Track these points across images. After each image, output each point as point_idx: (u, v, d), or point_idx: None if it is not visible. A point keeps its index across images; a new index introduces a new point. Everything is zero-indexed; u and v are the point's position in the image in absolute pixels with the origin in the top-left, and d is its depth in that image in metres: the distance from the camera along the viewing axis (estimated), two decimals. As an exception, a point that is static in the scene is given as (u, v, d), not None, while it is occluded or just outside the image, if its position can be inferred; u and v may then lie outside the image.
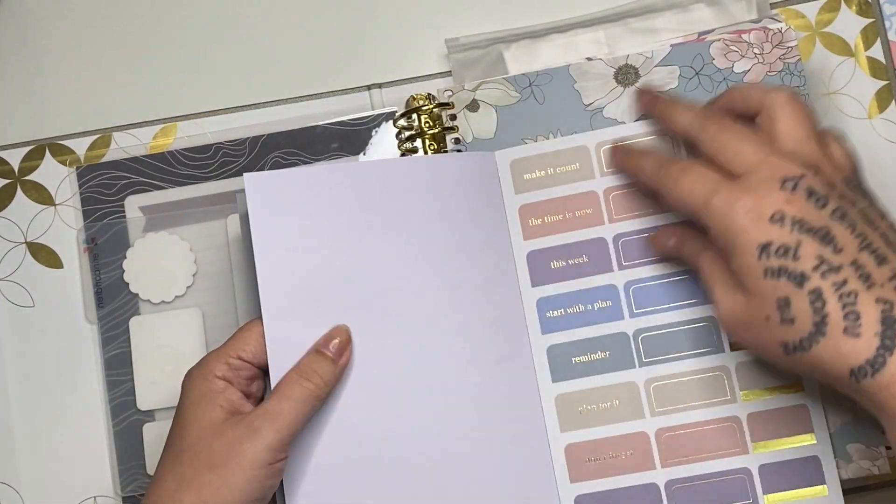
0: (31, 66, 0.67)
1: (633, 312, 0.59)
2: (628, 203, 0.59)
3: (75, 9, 0.68)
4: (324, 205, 0.57)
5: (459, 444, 0.56)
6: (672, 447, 0.57)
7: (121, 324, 0.63)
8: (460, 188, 0.59)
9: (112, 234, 0.63)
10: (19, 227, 0.65)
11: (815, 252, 0.47)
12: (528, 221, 0.60)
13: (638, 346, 0.58)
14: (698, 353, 0.58)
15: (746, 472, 0.56)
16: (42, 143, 0.66)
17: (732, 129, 0.52)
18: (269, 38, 0.67)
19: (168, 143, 0.65)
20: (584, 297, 0.59)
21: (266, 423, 0.51)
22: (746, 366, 0.57)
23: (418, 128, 0.62)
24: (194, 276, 0.63)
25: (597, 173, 0.60)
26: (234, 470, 0.50)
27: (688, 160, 0.54)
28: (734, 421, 0.57)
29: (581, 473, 0.58)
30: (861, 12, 0.64)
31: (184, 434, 0.52)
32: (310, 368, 0.53)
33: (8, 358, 0.64)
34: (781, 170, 0.49)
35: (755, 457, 0.56)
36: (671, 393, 0.58)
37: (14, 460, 0.63)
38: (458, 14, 0.66)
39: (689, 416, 0.57)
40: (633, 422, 0.58)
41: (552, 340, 0.59)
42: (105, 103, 0.66)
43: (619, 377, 0.58)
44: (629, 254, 0.59)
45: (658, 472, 0.57)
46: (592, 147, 0.60)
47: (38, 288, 0.64)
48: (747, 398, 0.57)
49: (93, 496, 0.62)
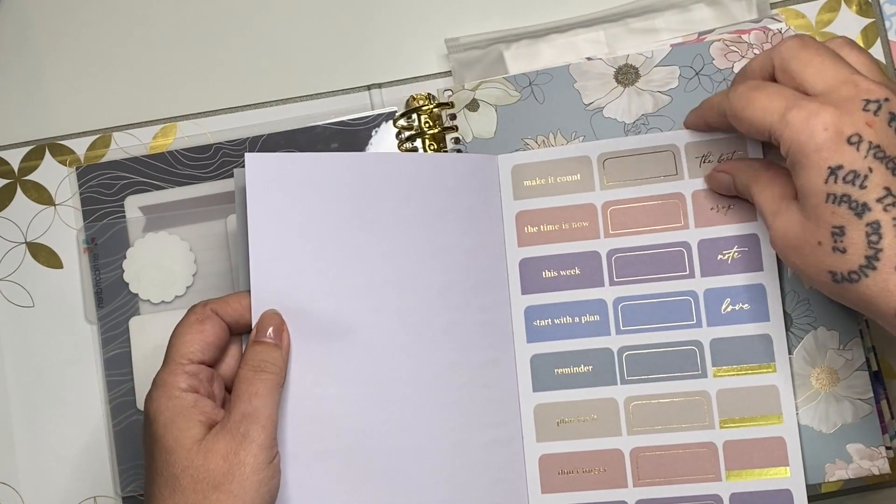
0: (32, 66, 0.67)
1: (620, 329, 0.59)
2: (626, 219, 0.59)
3: (75, 10, 0.68)
4: (321, 192, 0.57)
5: (436, 443, 0.56)
6: (646, 467, 0.57)
7: (121, 324, 0.63)
8: (460, 189, 0.59)
9: (112, 234, 0.64)
10: (19, 227, 0.65)
11: (884, 182, 0.47)
12: (524, 228, 0.60)
13: (621, 363, 0.58)
14: (681, 377, 0.58)
15: (717, 500, 0.57)
16: (42, 143, 0.66)
17: (815, 47, 0.51)
18: (269, 38, 0.67)
19: (168, 143, 0.65)
20: (572, 310, 0.59)
21: (251, 426, 0.51)
22: (727, 393, 0.57)
23: (418, 128, 0.62)
24: (194, 276, 0.63)
25: (597, 186, 0.60)
26: (239, 482, 0.49)
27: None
28: (710, 447, 0.57)
29: (553, 485, 0.58)
30: (861, 12, 0.64)
31: (170, 459, 0.50)
32: (260, 360, 0.53)
33: (8, 358, 0.64)
34: (865, 91, 0.48)
35: (728, 485, 0.57)
36: (650, 413, 0.58)
37: (14, 460, 0.63)
38: (458, 14, 0.67)
39: (665, 437, 0.58)
40: (610, 438, 0.58)
41: (537, 350, 0.59)
42: (105, 103, 0.67)
43: (599, 392, 0.58)
44: (622, 270, 0.59)
45: (630, 491, 0.57)
46: (595, 158, 0.60)
47: (38, 288, 0.64)
48: (725, 425, 0.57)
49: (93, 496, 0.62)
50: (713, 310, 0.58)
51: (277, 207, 0.56)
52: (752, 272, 0.58)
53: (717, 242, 0.58)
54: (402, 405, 0.56)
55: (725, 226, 0.58)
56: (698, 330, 0.58)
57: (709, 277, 0.58)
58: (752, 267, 0.58)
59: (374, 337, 0.57)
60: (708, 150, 0.59)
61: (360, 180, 0.58)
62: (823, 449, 0.57)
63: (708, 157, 0.59)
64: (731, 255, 0.58)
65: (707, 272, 0.58)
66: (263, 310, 0.55)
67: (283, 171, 0.57)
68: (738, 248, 0.58)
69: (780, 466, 0.56)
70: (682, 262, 0.58)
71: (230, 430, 0.50)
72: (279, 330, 0.54)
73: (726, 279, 0.58)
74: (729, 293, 0.58)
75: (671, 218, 0.59)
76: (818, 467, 0.57)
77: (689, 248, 0.58)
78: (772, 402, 0.57)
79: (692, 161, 0.59)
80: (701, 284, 0.58)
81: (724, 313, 0.58)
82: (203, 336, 0.53)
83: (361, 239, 0.57)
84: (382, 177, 0.58)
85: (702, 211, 0.58)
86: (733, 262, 0.58)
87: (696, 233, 0.58)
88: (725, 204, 0.58)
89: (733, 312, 0.58)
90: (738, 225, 0.58)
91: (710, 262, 0.58)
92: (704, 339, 0.58)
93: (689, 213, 0.59)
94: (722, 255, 0.58)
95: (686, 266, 0.58)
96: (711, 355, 0.58)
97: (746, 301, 0.58)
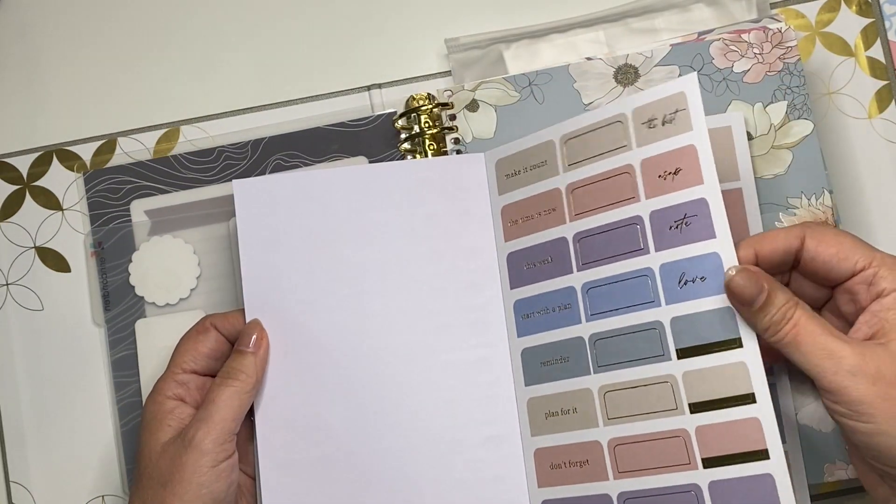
0: (37, 75, 0.68)
1: (589, 316, 0.56)
2: (587, 199, 0.56)
3: (78, 18, 0.69)
4: (309, 209, 0.58)
5: (434, 444, 0.57)
6: (624, 459, 0.54)
7: (127, 326, 0.63)
8: (447, 192, 0.60)
9: (118, 237, 0.64)
10: (28, 231, 0.66)
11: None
12: (508, 222, 0.59)
13: (593, 351, 0.56)
14: (646, 360, 0.54)
15: (696, 489, 0.52)
16: (49, 150, 0.67)
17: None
18: (270, 40, 0.67)
19: (171, 148, 0.66)
20: (549, 300, 0.57)
21: (198, 431, 0.53)
22: (693, 375, 0.53)
23: (418, 128, 0.63)
24: (198, 278, 0.64)
25: (560, 168, 0.58)
26: (180, 482, 0.52)
27: None
28: (682, 434, 0.53)
29: (548, 479, 0.57)
30: (861, 12, 0.63)
31: (140, 458, 0.55)
32: (233, 368, 0.55)
33: (19, 360, 0.65)
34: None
35: (705, 473, 0.52)
36: (622, 402, 0.54)
37: (25, 460, 0.64)
38: (458, 14, 0.66)
39: (638, 426, 0.54)
40: (589, 430, 0.55)
41: (526, 343, 0.58)
42: (109, 109, 0.67)
43: (576, 383, 0.56)
44: (586, 254, 0.56)
45: (611, 484, 0.54)
46: (557, 140, 0.58)
47: (47, 292, 0.65)
48: (696, 410, 0.52)
49: (101, 495, 0.63)
50: (670, 286, 0.53)
51: (266, 228, 0.58)
52: (705, 241, 0.53)
53: (668, 212, 0.54)
54: (398, 408, 0.57)
55: (673, 193, 0.54)
56: (657, 310, 0.54)
57: (662, 251, 0.54)
58: (705, 235, 0.53)
59: (366, 344, 0.57)
60: (652, 114, 0.55)
61: (346, 195, 0.59)
62: (823, 449, 0.57)
63: (653, 120, 0.55)
64: (682, 224, 0.53)
65: (660, 246, 0.54)
66: None
67: (270, 193, 0.58)
68: (687, 216, 0.53)
69: (758, 449, 0.50)
70: (636, 237, 0.55)
71: (182, 434, 0.53)
72: (259, 340, 0.56)
73: (679, 251, 0.53)
74: (683, 266, 0.53)
75: (625, 192, 0.55)
76: (818, 467, 0.57)
77: (642, 222, 0.55)
78: (741, 381, 0.51)
79: (639, 128, 0.55)
80: (656, 260, 0.54)
81: (681, 289, 0.53)
82: (197, 347, 0.56)
83: (350, 251, 0.58)
84: (369, 189, 0.59)
85: (650, 180, 0.54)
86: (684, 231, 0.53)
87: (646, 204, 0.54)
88: (672, 168, 0.54)
89: (690, 287, 0.53)
90: (686, 190, 0.53)
91: (661, 234, 0.54)
92: (664, 319, 0.53)
93: (638, 184, 0.55)
94: (673, 226, 0.54)
95: (640, 242, 0.55)
96: (673, 336, 0.53)
97: (703, 273, 0.52)
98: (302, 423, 0.56)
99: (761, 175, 0.59)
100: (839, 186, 0.62)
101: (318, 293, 0.58)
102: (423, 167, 0.60)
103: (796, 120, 0.60)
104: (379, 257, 0.58)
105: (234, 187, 0.58)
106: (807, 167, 0.59)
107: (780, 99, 0.60)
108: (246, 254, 0.58)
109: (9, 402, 0.64)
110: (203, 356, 0.56)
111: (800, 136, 0.60)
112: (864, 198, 0.62)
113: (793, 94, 0.60)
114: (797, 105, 0.60)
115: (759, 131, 0.60)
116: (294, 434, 0.56)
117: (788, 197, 0.59)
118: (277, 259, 0.58)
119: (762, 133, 0.60)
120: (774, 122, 0.60)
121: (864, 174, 0.62)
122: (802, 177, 0.59)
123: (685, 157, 0.54)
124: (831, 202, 0.59)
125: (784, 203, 0.59)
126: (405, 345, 0.58)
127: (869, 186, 0.62)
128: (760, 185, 0.59)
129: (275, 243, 0.58)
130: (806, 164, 0.59)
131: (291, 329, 0.57)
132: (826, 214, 0.59)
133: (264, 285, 0.57)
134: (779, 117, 0.60)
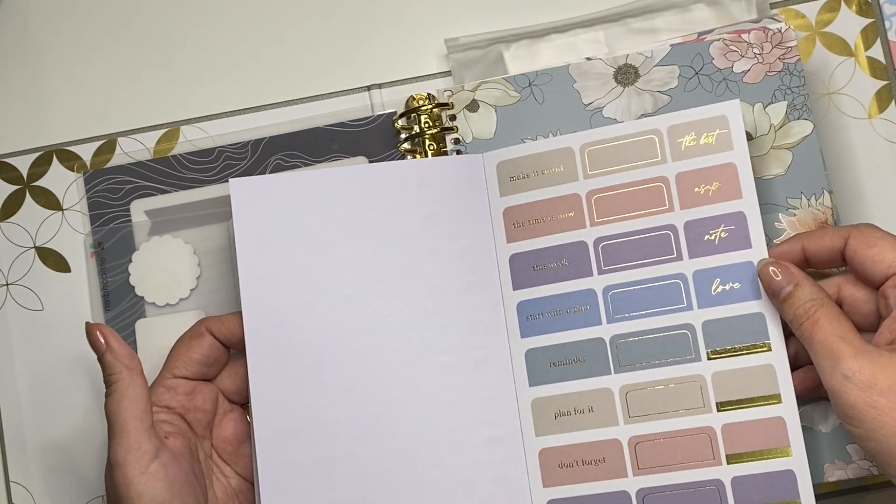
0: (37, 74, 0.68)
1: (611, 318, 0.58)
2: (611, 206, 0.59)
3: (78, 18, 0.69)
4: (307, 209, 0.58)
5: (434, 445, 0.57)
6: (645, 456, 0.57)
7: (127, 326, 0.63)
8: (446, 192, 0.60)
9: (118, 238, 0.64)
10: (28, 231, 0.66)
11: None
12: (512, 224, 0.60)
13: (615, 352, 0.58)
14: (675, 362, 0.57)
15: (719, 484, 0.56)
16: (49, 150, 0.67)
17: None
18: (270, 40, 0.67)
19: (171, 147, 0.66)
20: (563, 302, 0.59)
21: (113, 451, 0.53)
22: (723, 375, 0.56)
23: (418, 128, 0.63)
24: (198, 278, 0.64)
25: (580, 175, 0.59)
26: (125, 498, 0.52)
27: None
28: (708, 431, 0.56)
29: (554, 478, 0.58)
30: (861, 12, 0.63)
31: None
32: (104, 378, 0.55)
33: (19, 361, 0.65)
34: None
35: (729, 468, 0.55)
36: (646, 401, 0.57)
37: (26, 460, 0.64)
38: (458, 14, 0.66)
39: (662, 424, 0.57)
40: (607, 429, 0.57)
41: (531, 344, 0.59)
42: (109, 109, 0.67)
43: (594, 383, 0.58)
44: (609, 258, 0.58)
45: (630, 481, 0.57)
46: (577, 148, 0.60)
47: (47, 291, 0.65)
48: (723, 408, 0.56)
49: (101, 495, 0.63)
50: (703, 291, 0.57)
51: (264, 228, 0.58)
52: (741, 250, 0.56)
53: (704, 223, 0.57)
54: (398, 409, 0.57)
55: (711, 205, 0.57)
56: (689, 313, 0.57)
57: (697, 259, 0.57)
58: (741, 245, 0.57)
59: (366, 345, 0.57)
60: (690, 132, 0.58)
61: (344, 195, 0.59)
62: (823, 449, 0.57)
63: (690, 138, 0.58)
64: (719, 235, 0.57)
65: (695, 253, 0.57)
66: (255, 327, 0.57)
67: (267, 192, 0.58)
68: (724, 227, 0.57)
69: (782, 447, 0.55)
70: (669, 245, 0.58)
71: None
72: (99, 336, 0.55)
73: (715, 259, 0.57)
74: (718, 273, 0.57)
75: (656, 202, 0.58)
76: (818, 467, 0.57)
77: (676, 231, 0.58)
78: (768, 382, 0.55)
79: (675, 144, 0.58)
80: (689, 266, 0.57)
81: (715, 294, 0.57)
82: (189, 354, 0.57)
83: (349, 252, 0.58)
84: (367, 189, 0.59)
85: (686, 192, 0.58)
86: (721, 241, 0.57)
87: (681, 214, 0.58)
88: (710, 183, 0.57)
89: (724, 293, 0.56)
90: (724, 203, 0.57)
91: (697, 243, 0.57)
92: (696, 322, 0.57)
93: (673, 195, 0.58)
94: (709, 236, 0.57)
95: (673, 249, 0.58)
96: (704, 338, 0.57)
97: (736, 280, 0.56)
98: (300, 425, 0.56)
99: (761, 175, 0.59)
100: (839, 187, 0.62)
101: (317, 294, 0.58)
102: (423, 167, 0.60)
103: (796, 120, 0.60)
104: (378, 257, 0.58)
105: (230, 187, 0.58)
106: (807, 167, 0.59)
107: (780, 99, 0.60)
108: (243, 254, 0.58)
109: (9, 402, 0.64)
110: (194, 362, 0.57)
111: (800, 137, 0.60)
112: (864, 198, 0.62)
113: (793, 94, 0.60)
114: (797, 105, 0.60)
115: (759, 131, 0.60)
116: (293, 436, 0.56)
117: (788, 197, 0.59)
118: (275, 259, 0.58)
119: (762, 133, 0.60)
120: (774, 122, 0.60)
121: (864, 174, 0.62)
122: (802, 177, 0.59)
123: (724, 173, 0.57)
124: (831, 202, 0.59)
125: (784, 203, 0.59)
126: (404, 345, 0.58)
127: (869, 187, 0.62)
128: (760, 186, 0.59)
129: (272, 243, 0.58)
130: (806, 164, 0.59)
131: (289, 330, 0.57)
132: (826, 215, 0.59)
133: (262, 285, 0.57)
134: (779, 117, 0.60)
